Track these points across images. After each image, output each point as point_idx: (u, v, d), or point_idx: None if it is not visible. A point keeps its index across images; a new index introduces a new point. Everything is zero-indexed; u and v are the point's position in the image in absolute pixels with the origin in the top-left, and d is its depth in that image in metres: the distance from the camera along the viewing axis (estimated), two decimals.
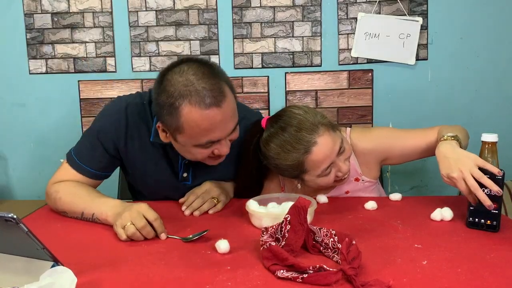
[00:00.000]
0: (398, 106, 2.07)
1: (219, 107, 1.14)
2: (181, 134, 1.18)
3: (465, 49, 2.03)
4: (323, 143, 1.25)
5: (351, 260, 0.86)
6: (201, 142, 1.18)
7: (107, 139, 1.33)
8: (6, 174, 2.15)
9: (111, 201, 1.23)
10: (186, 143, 1.21)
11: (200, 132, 1.16)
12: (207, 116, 1.13)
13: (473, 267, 0.89)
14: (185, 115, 1.14)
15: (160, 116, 1.20)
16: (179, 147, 1.26)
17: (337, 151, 1.27)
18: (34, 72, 2.08)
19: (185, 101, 1.13)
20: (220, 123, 1.16)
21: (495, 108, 2.06)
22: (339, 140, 1.29)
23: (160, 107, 1.18)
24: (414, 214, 1.21)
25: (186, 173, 1.39)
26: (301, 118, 1.28)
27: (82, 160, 1.34)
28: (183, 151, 1.26)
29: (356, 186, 1.45)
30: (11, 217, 0.78)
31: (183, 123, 1.15)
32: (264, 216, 1.14)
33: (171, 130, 1.20)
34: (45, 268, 0.82)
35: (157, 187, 1.42)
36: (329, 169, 1.28)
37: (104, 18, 2.04)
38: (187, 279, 0.87)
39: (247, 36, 2.05)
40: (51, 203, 1.33)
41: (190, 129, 1.16)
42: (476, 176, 1.06)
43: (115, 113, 1.35)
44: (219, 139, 1.20)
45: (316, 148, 1.24)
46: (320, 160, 1.25)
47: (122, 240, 1.08)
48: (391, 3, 2.00)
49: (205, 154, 1.23)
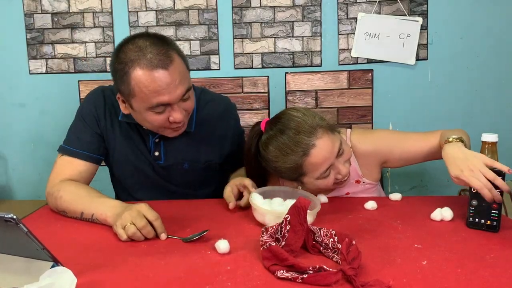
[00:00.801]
0: (398, 106, 2.07)
1: (166, 69, 1.22)
2: (134, 99, 1.25)
3: (465, 49, 2.03)
4: (321, 146, 1.24)
5: (351, 260, 0.86)
6: (152, 104, 1.24)
7: (90, 118, 1.42)
8: (6, 174, 2.15)
9: (111, 201, 1.23)
10: (140, 109, 1.27)
11: (149, 94, 1.22)
12: (154, 77, 1.21)
13: (473, 267, 0.89)
14: (134, 78, 1.22)
15: (116, 85, 1.29)
16: (136, 116, 1.32)
17: (336, 153, 1.27)
18: (34, 72, 2.08)
19: (134, 65, 1.21)
20: (168, 86, 1.22)
21: (495, 108, 2.06)
22: (338, 142, 1.28)
23: (115, 75, 1.28)
24: (414, 214, 1.21)
25: (158, 151, 1.45)
26: (299, 120, 1.27)
27: (74, 145, 1.40)
28: (141, 119, 1.32)
29: (356, 188, 1.45)
30: (11, 217, 0.78)
31: (133, 86, 1.22)
32: (267, 213, 1.14)
33: (126, 97, 1.27)
34: (45, 269, 0.82)
35: (134, 167, 1.46)
36: (328, 171, 1.28)
37: (104, 18, 2.04)
38: (187, 279, 0.87)
39: (247, 36, 2.05)
40: (51, 202, 1.34)
41: (140, 92, 1.23)
42: (490, 177, 1.05)
43: (94, 95, 1.46)
44: (169, 102, 1.25)
45: (314, 151, 1.24)
46: (319, 163, 1.25)
47: (123, 240, 1.08)
48: (391, 3, 2.00)
49: (160, 120, 1.28)
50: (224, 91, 2.04)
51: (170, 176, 1.48)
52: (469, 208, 1.12)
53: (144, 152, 1.45)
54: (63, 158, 1.40)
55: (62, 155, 1.41)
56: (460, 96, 2.06)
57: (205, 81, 2.06)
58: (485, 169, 1.07)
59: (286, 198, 1.23)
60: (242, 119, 2.08)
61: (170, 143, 1.44)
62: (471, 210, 1.11)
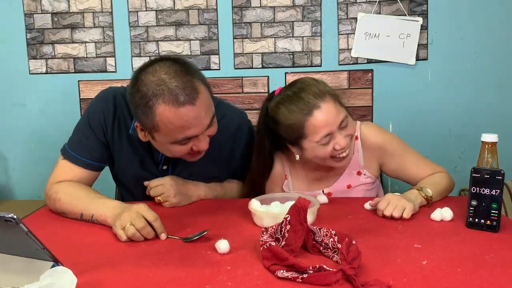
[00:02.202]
0: (398, 106, 2.07)
1: (193, 104, 1.15)
2: (157, 133, 1.20)
3: (465, 49, 2.03)
4: (325, 109, 1.28)
5: (351, 260, 0.86)
6: (177, 139, 1.20)
7: (97, 125, 1.37)
8: (6, 174, 2.15)
9: (110, 202, 1.22)
10: (163, 141, 1.23)
11: (175, 129, 1.17)
12: (181, 114, 1.15)
13: (473, 267, 0.89)
14: (159, 114, 1.15)
15: (136, 115, 1.22)
16: (157, 145, 1.28)
17: (338, 122, 1.30)
18: (34, 72, 2.08)
19: (159, 100, 1.14)
20: (195, 120, 1.17)
21: (495, 108, 2.06)
22: (343, 114, 1.31)
23: (135, 107, 1.20)
24: (414, 214, 1.21)
25: (166, 165, 1.42)
26: (311, 83, 1.33)
27: (77, 151, 1.36)
28: (162, 149, 1.28)
29: (357, 180, 1.47)
30: (11, 217, 0.78)
31: (158, 121, 1.16)
32: (265, 215, 1.14)
33: (148, 129, 1.22)
34: (45, 268, 0.82)
35: (139, 178, 1.43)
36: (328, 139, 1.30)
37: (104, 18, 2.04)
38: (187, 279, 0.87)
39: (247, 36, 2.05)
40: (50, 204, 1.33)
41: (165, 128, 1.17)
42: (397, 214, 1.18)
43: (104, 101, 1.38)
44: (196, 135, 1.21)
45: (317, 112, 1.27)
46: (320, 126, 1.28)
47: (122, 241, 1.08)
48: (391, 3, 2.00)
49: (183, 151, 1.24)
50: (224, 91, 2.04)
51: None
52: (469, 208, 1.12)
53: (151, 166, 1.42)
54: (64, 163, 1.37)
55: (63, 158, 1.38)
56: (460, 96, 2.06)
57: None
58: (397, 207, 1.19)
59: (284, 202, 1.23)
60: None
61: (180, 160, 1.37)
62: (471, 210, 1.11)
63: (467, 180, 1.15)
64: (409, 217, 1.18)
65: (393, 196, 1.22)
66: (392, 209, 1.19)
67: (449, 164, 2.04)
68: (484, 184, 1.09)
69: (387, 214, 1.19)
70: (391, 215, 1.19)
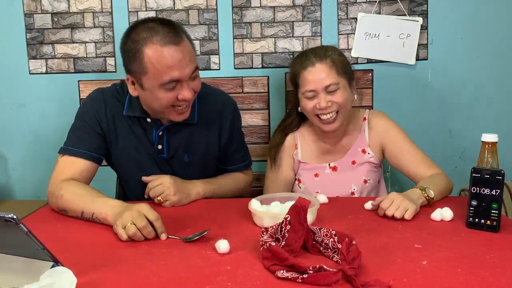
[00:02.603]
0: (398, 106, 2.07)
1: (177, 45, 1.29)
2: (146, 77, 1.31)
3: (465, 49, 2.03)
4: (318, 69, 1.48)
5: (351, 260, 0.86)
6: (163, 81, 1.30)
7: (91, 119, 1.45)
8: (6, 174, 2.15)
9: (111, 201, 1.23)
10: (151, 86, 1.32)
11: (162, 70, 1.28)
12: (167, 52, 1.28)
13: (473, 267, 0.89)
14: (147, 55, 1.28)
15: (127, 65, 1.36)
16: (146, 96, 1.36)
17: (324, 85, 1.48)
18: (34, 72, 2.08)
19: (147, 43, 1.28)
20: (179, 62, 1.29)
21: (495, 108, 2.05)
22: (334, 80, 1.48)
23: (126, 54, 1.34)
24: (414, 214, 1.21)
25: (161, 145, 1.49)
26: (323, 47, 1.58)
27: (75, 145, 1.42)
28: (150, 98, 1.36)
29: (362, 158, 1.62)
30: (11, 217, 0.78)
31: (146, 63, 1.29)
32: (265, 215, 1.15)
33: (137, 77, 1.33)
34: (45, 268, 0.82)
35: (136, 163, 1.49)
36: (312, 94, 1.50)
37: (104, 18, 2.04)
38: (187, 279, 0.87)
39: (247, 36, 2.05)
40: (52, 201, 1.34)
41: (152, 69, 1.29)
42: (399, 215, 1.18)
43: (93, 99, 1.50)
44: (180, 78, 1.31)
45: (310, 68, 1.49)
46: (307, 80, 1.50)
47: (123, 240, 1.08)
48: (391, 3, 2.00)
49: (169, 98, 1.33)
50: (224, 91, 2.04)
51: (172, 171, 1.50)
52: (469, 208, 1.12)
53: (148, 147, 1.49)
54: (64, 158, 1.42)
55: (63, 155, 1.42)
56: (460, 96, 2.06)
57: (205, 81, 2.05)
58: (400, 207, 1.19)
59: (284, 201, 1.23)
60: (242, 119, 2.08)
61: (173, 136, 1.49)
62: (471, 210, 1.11)
63: (467, 180, 1.15)
64: (410, 218, 1.18)
65: (396, 196, 1.22)
66: (395, 209, 1.19)
67: (449, 164, 2.04)
68: (484, 184, 1.09)
69: (389, 214, 1.19)
70: (392, 216, 1.18)
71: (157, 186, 1.38)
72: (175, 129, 1.49)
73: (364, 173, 1.62)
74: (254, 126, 2.09)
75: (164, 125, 1.48)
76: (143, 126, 1.48)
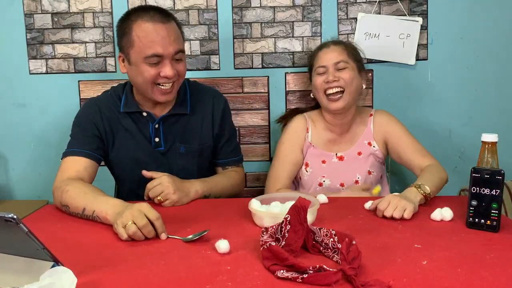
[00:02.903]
0: (398, 106, 2.07)
1: (164, 24, 1.41)
2: (132, 50, 1.41)
3: (465, 49, 2.03)
4: (331, 49, 1.66)
5: (351, 260, 0.86)
6: (147, 54, 1.39)
7: (88, 123, 1.53)
8: (6, 174, 2.15)
9: (112, 200, 1.24)
10: (136, 60, 1.42)
11: (146, 43, 1.39)
12: (152, 28, 1.39)
13: (473, 267, 0.89)
14: (135, 29, 1.41)
15: (119, 43, 1.47)
16: (132, 72, 1.45)
17: (334, 61, 1.63)
18: (34, 72, 2.08)
19: (137, 19, 1.41)
20: (163, 39, 1.40)
21: (495, 108, 2.05)
22: (343, 58, 1.63)
23: (119, 32, 1.46)
24: (414, 214, 1.21)
25: (158, 137, 1.55)
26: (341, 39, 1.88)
27: (76, 146, 1.50)
28: (136, 73, 1.44)
29: (368, 150, 1.72)
30: (11, 217, 0.78)
31: (133, 36, 1.40)
32: (265, 215, 1.15)
33: (126, 51, 1.43)
34: (45, 268, 0.82)
35: (134, 160, 1.54)
36: (322, 69, 1.65)
37: (104, 18, 2.04)
38: (187, 279, 0.87)
39: (247, 36, 2.05)
40: (57, 196, 1.36)
41: (138, 42, 1.40)
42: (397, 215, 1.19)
43: (87, 107, 1.57)
44: (162, 54, 1.40)
45: (325, 49, 1.68)
46: (321, 58, 1.66)
47: (123, 239, 1.08)
48: (391, 3, 2.00)
49: (152, 73, 1.41)
50: (224, 91, 2.04)
51: (169, 163, 1.55)
52: (469, 208, 1.12)
53: (144, 144, 1.55)
54: (67, 159, 1.47)
55: (65, 157, 1.48)
56: (460, 96, 2.06)
57: (205, 81, 2.05)
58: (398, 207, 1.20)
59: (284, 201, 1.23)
60: (242, 119, 2.08)
61: (169, 128, 1.56)
62: (471, 210, 1.11)
63: (467, 180, 1.15)
64: (409, 217, 1.18)
65: (393, 197, 1.23)
66: (393, 210, 1.19)
67: (449, 164, 2.04)
68: (484, 184, 1.09)
69: (387, 215, 1.19)
70: (391, 216, 1.19)
71: (155, 186, 1.39)
72: (170, 120, 1.56)
73: (368, 165, 1.71)
74: (254, 126, 2.09)
75: (159, 117, 1.54)
76: (139, 122, 1.55)
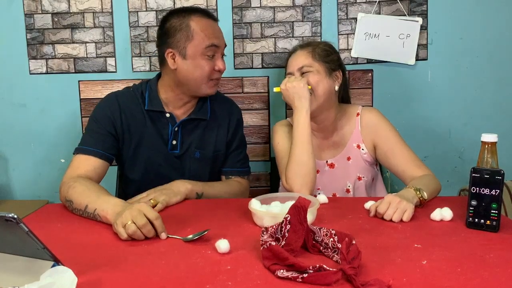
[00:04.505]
0: (398, 106, 2.07)
1: (215, 22, 1.56)
2: (191, 43, 1.49)
3: (465, 49, 2.03)
4: (296, 56, 1.62)
5: (351, 260, 0.86)
6: (208, 45, 1.49)
7: (105, 119, 1.53)
8: (6, 174, 2.15)
9: (113, 199, 1.25)
10: (194, 53, 1.49)
11: (208, 34, 1.49)
12: (211, 23, 1.53)
13: (473, 267, 0.89)
14: (195, 22, 1.49)
15: (167, 43, 1.51)
16: (187, 66, 1.50)
17: (297, 66, 1.60)
18: (34, 72, 2.08)
19: (192, 17, 1.50)
20: (218, 32, 1.54)
21: (495, 108, 2.06)
22: (307, 63, 1.58)
23: (168, 32, 1.51)
24: (414, 214, 1.21)
25: (175, 140, 1.57)
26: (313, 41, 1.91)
27: (89, 145, 1.50)
28: (192, 67, 1.50)
29: (357, 153, 1.64)
30: (11, 217, 0.78)
31: (193, 29, 1.48)
32: (265, 215, 1.15)
33: (182, 45, 1.49)
34: (46, 268, 0.82)
35: (148, 160, 1.56)
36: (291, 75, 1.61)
37: (104, 18, 2.04)
38: (187, 279, 0.87)
39: (247, 36, 2.05)
40: (63, 191, 1.38)
41: (199, 32, 1.49)
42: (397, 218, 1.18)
43: (108, 101, 1.58)
44: (219, 45, 1.52)
45: (293, 54, 1.65)
46: (288, 66, 1.64)
47: (123, 239, 1.08)
48: (391, 3, 2.01)
49: (209, 66, 1.50)
50: (224, 91, 2.04)
51: (182, 167, 1.58)
52: (469, 208, 1.12)
53: (160, 146, 1.56)
54: (79, 156, 1.48)
55: (77, 154, 1.49)
56: (460, 96, 2.06)
57: None
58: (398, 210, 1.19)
59: (284, 201, 1.23)
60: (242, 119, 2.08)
61: (187, 132, 1.59)
62: (471, 210, 1.11)
63: (467, 180, 1.15)
64: (409, 220, 1.18)
65: (393, 198, 1.22)
66: (392, 212, 1.18)
67: (449, 164, 2.05)
68: (484, 184, 1.09)
69: (387, 219, 1.19)
70: (391, 220, 1.18)
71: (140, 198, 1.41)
72: (190, 125, 1.59)
73: (357, 170, 1.63)
74: (254, 126, 2.09)
75: (180, 120, 1.57)
76: (159, 122, 1.57)
